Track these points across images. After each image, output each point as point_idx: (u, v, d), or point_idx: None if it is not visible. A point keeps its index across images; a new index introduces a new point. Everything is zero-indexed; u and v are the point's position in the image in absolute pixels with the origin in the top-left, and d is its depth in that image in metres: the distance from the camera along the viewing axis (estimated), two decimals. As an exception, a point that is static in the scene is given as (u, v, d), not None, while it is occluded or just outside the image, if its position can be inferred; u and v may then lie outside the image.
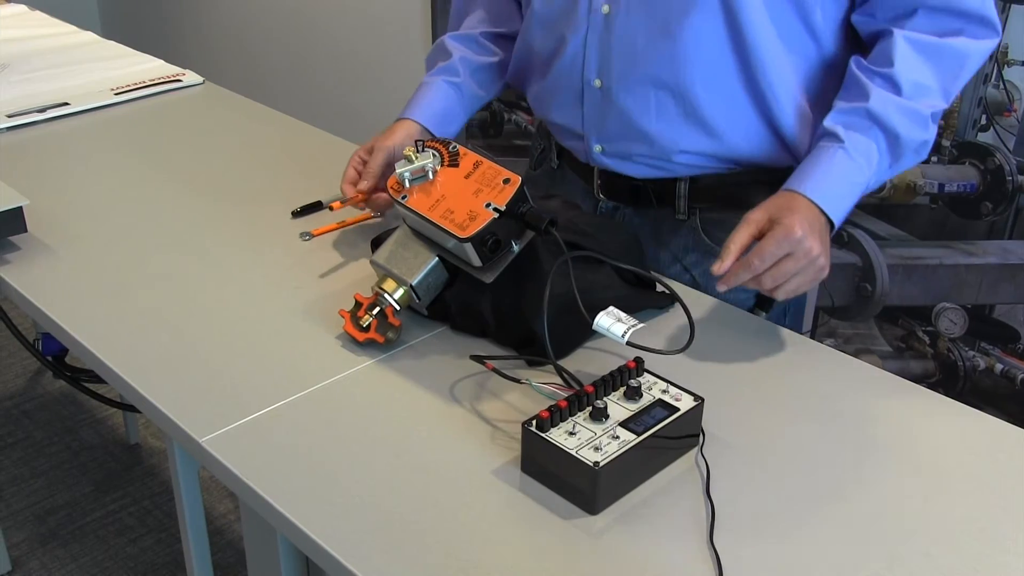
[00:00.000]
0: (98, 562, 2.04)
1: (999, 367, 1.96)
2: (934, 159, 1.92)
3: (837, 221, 1.07)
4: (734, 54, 1.13)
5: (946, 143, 1.89)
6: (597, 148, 1.24)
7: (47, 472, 2.29)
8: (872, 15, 1.11)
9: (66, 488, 2.24)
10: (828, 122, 1.09)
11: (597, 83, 1.19)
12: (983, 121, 1.84)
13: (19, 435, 2.41)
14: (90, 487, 2.24)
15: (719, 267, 1.02)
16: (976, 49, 1.08)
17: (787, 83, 1.14)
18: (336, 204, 1.29)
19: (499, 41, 1.36)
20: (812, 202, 1.05)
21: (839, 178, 1.07)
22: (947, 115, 1.87)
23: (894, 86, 1.07)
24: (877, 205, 2.02)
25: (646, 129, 1.18)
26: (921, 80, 1.07)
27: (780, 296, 1.04)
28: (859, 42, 1.15)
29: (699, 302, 1.19)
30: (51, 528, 2.12)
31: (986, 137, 1.85)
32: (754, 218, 1.04)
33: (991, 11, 1.07)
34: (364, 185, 1.26)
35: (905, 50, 1.07)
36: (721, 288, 1.03)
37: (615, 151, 1.23)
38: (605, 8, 1.15)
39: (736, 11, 1.09)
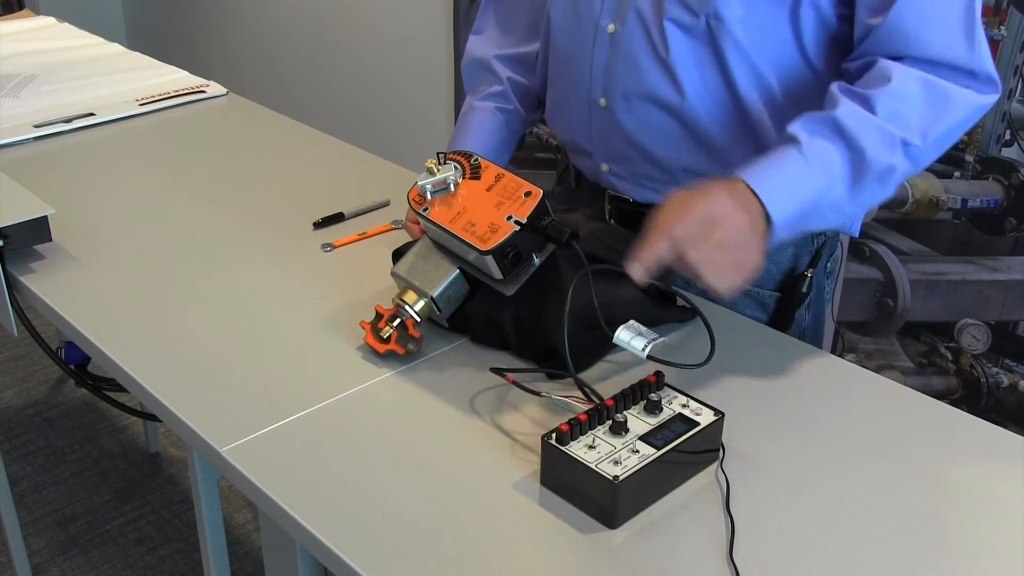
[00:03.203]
0: (117, 571, 2.04)
1: (1023, 384, 1.94)
2: (957, 174, 1.91)
3: (777, 218, 0.97)
4: (721, 76, 1.11)
5: (969, 158, 1.88)
6: (604, 167, 1.24)
7: (68, 480, 2.30)
8: (858, 58, 1.06)
9: (86, 496, 2.25)
10: (791, 126, 1.02)
11: (602, 102, 1.19)
12: (1007, 136, 1.83)
13: (41, 443, 2.43)
14: (110, 495, 2.26)
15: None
16: (962, 95, 1.00)
17: (781, 113, 1.12)
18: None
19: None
20: (750, 189, 0.97)
21: (787, 176, 0.99)
22: (971, 130, 1.86)
23: (868, 106, 1.00)
24: (899, 220, 2.01)
25: (649, 149, 1.18)
26: (900, 109, 1.00)
27: (718, 285, 0.96)
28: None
29: (720, 316, 1.19)
30: (71, 536, 2.13)
31: (1010, 152, 1.84)
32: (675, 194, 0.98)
33: (982, 64, 0.99)
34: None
35: (896, 76, 1.00)
36: (636, 274, 0.96)
37: (621, 171, 1.23)
38: (611, 27, 1.15)
39: (718, 36, 1.08)
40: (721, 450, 0.95)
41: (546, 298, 1.06)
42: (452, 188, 1.06)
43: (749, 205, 0.97)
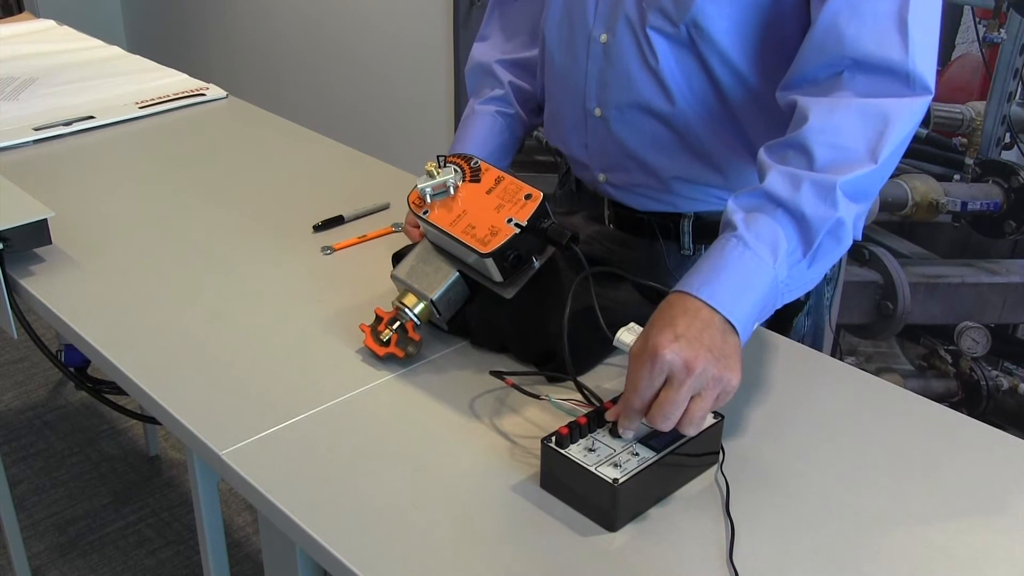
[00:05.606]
0: (117, 573, 2.04)
1: (1023, 387, 1.94)
2: (956, 177, 1.91)
3: (738, 322, 0.90)
4: (708, 83, 1.11)
5: (969, 161, 1.88)
6: (601, 177, 1.24)
7: (67, 483, 2.30)
8: (791, 87, 1.02)
9: (86, 499, 2.25)
10: (727, 210, 0.96)
11: (597, 112, 1.19)
12: (1007, 139, 1.83)
13: (40, 445, 2.42)
14: (110, 498, 2.26)
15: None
16: (899, 107, 0.95)
17: (771, 117, 1.11)
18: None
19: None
20: (703, 302, 0.90)
21: (734, 273, 0.91)
22: (970, 133, 1.87)
23: (806, 154, 0.95)
24: (899, 223, 2.01)
25: (643, 158, 1.18)
26: (838, 141, 0.95)
27: (691, 432, 0.89)
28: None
29: (720, 319, 1.19)
30: (71, 538, 2.13)
31: (1010, 155, 1.84)
32: (634, 352, 0.90)
33: (916, 67, 0.95)
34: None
35: (820, 111, 0.96)
36: (627, 435, 0.90)
37: (617, 181, 1.23)
38: (603, 37, 1.15)
39: (699, 44, 1.08)
40: (721, 453, 0.95)
41: (546, 301, 1.06)
42: (452, 191, 1.06)
43: (703, 327, 0.89)
